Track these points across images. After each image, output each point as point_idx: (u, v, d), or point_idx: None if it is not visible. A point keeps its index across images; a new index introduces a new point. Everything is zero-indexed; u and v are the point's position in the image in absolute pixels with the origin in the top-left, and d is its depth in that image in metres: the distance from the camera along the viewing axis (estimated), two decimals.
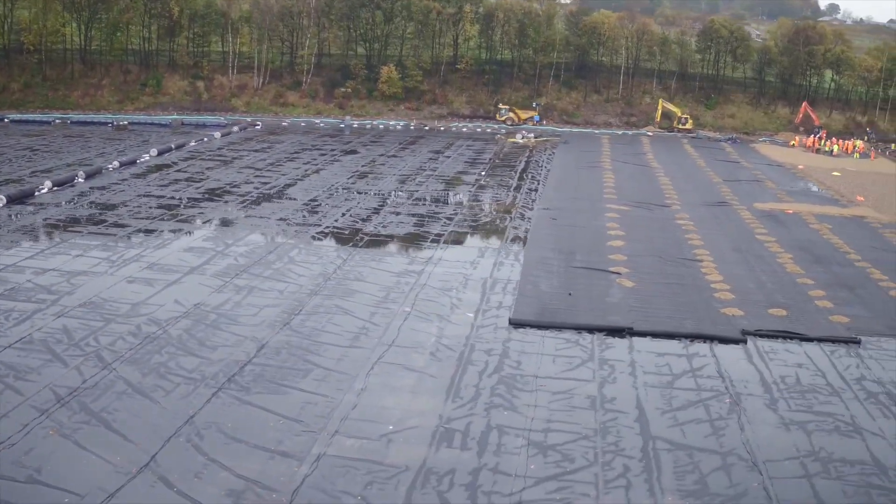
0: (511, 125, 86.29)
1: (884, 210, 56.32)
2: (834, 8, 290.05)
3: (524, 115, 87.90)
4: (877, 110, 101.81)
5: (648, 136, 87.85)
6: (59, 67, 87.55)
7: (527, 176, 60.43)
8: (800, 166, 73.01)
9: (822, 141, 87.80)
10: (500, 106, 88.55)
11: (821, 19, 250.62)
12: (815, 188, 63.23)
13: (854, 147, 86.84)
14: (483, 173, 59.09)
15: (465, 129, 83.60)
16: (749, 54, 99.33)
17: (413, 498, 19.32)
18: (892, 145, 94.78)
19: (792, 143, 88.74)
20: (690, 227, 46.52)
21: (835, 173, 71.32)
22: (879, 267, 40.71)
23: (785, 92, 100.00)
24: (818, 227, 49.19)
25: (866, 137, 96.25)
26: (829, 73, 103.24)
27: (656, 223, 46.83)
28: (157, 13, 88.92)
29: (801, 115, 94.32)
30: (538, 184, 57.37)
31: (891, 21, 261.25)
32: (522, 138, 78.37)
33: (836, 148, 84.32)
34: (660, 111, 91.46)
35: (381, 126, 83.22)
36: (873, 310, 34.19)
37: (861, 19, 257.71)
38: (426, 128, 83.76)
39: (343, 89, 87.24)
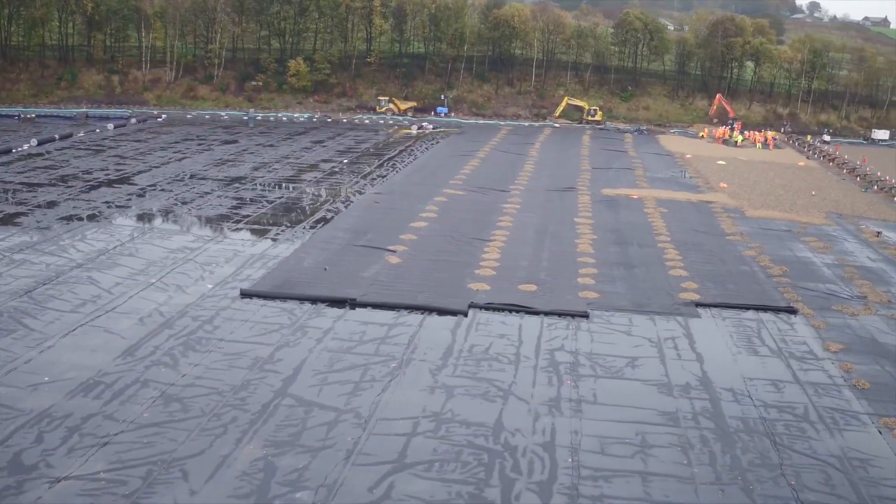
0: (391, 116, 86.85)
1: (739, 197, 56.27)
2: (815, 6, 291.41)
3: (404, 105, 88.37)
4: (799, 102, 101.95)
5: (556, 126, 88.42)
6: None
7: (388, 164, 60.79)
8: (687, 155, 72.97)
9: (732, 132, 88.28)
10: (380, 98, 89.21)
11: (794, 16, 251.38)
12: (685, 176, 63.19)
13: (764, 138, 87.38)
14: (345, 161, 59.81)
15: (367, 121, 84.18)
16: (664, 46, 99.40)
17: (14, 435, 20.18)
18: (808, 137, 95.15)
19: (701, 134, 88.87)
20: (512, 210, 46.96)
21: (720, 162, 71.27)
22: (681, 248, 40.83)
23: (705, 84, 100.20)
24: (652, 211, 49.35)
25: (782, 129, 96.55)
26: (750, 66, 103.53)
27: (478, 206, 47.06)
28: (73, 9, 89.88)
29: (714, 107, 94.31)
30: (394, 171, 57.85)
31: (865, 19, 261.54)
32: (418, 129, 79.05)
33: (740, 138, 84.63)
34: (562, 106, 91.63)
35: (285, 118, 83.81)
36: (635, 287, 34.33)
37: (835, 16, 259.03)
38: (329, 119, 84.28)
39: (253, 83, 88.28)
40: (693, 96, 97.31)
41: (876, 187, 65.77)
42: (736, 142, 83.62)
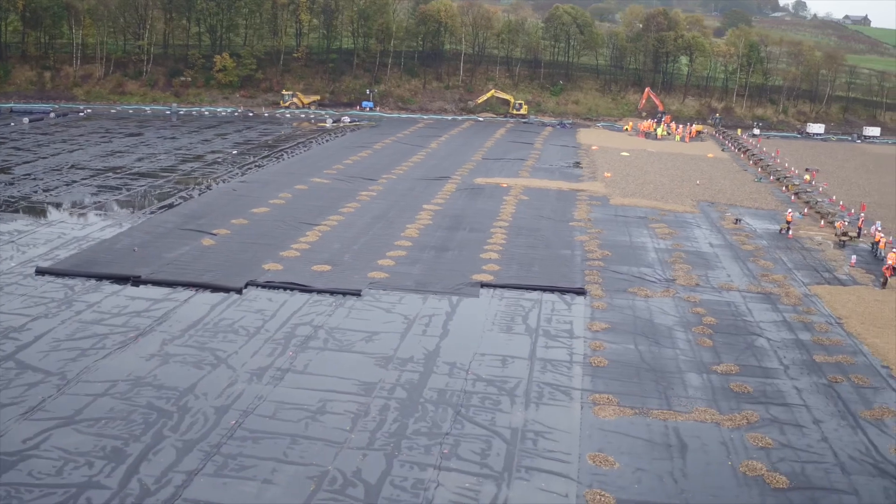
0: (295, 109, 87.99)
1: (615, 185, 57.00)
2: (801, 5, 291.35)
3: (307, 99, 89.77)
4: (734, 96, 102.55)
5: (479, 120, 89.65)
6: None
7: (276, 155, 61.87)
8: (594, 147, 74.18)
9: (659, 125, 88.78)
10: (284, 92, 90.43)
11: (774, 14, 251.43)
12: (574, 167, 63.92)
13: (686, 131, 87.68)
14: (234, 152, 60.96)
15: (288, 115, 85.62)
16: (594, 41, 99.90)
17: None
18: (738, 130, 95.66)
19: (626, 127, 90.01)
20: (366, 197, 47.82)
21: (623, 153, 72.35)
22: (512, 233, 41.60)
23: (640, 78, 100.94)
24: (512, 199, 50.06)
25: (711, 122, 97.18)
26: (685, 60, 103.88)
27: (333, 194, 48.02)
28: (6, 6, 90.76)
29: (643, 101, 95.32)
30: (276, 161, 58.93)
31: (846, 17, 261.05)
32: (333, 122, 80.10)
33: (660, 131, 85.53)
34: (485, 97, 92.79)
35: (207, 112, 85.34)
36: (433, 269, 34.97)
37: (815, 15, 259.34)
38: (251, 114, 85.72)
39: (182, 78, 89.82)
40: (626, 90, 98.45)
41: (772, 178, 66.57)
42: (656, 135, 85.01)
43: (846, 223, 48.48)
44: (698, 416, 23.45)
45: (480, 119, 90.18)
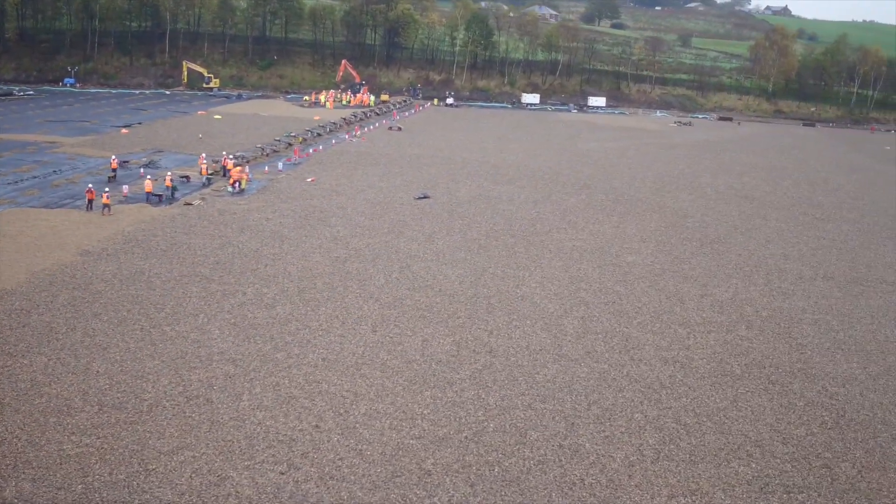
0: None
1: (117, 140, 61.65)
2: None
3: None
4: (456, 68, 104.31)
5: (166, 93, 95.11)
6: None
7: None
8: (200, 112, 79.47)
9: (343, 95, 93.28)
10: None
11: (689, 5, 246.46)
12: (123, 126, 68.33)
13: (331, 97, 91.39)
14: None
15: None
16: (297, 16, 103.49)
17: None
18: (435, 101, 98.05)
19: (306, 98, 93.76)
20: None
21: (216, 117, 77.34)
22: None
23: (362, 52, 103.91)
24: None
25: (408, 92, 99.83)
26: (413, 33, 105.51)
27: None
28: None
29: (340, 73, 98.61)
30: None
31: (767, 8, 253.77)
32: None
33: (322, 98, 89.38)
34: (185, 73, 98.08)
35: None
36: None
37: (732, 5, 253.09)
38: None
39: None
40: (340, 64, 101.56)
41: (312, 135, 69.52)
42: (317, 102, 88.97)
43: (214, 163, 52.34)
44: None
45: (167, 92, 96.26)
